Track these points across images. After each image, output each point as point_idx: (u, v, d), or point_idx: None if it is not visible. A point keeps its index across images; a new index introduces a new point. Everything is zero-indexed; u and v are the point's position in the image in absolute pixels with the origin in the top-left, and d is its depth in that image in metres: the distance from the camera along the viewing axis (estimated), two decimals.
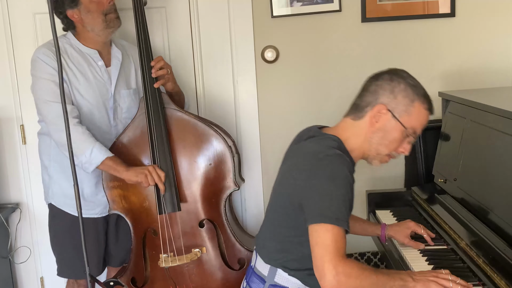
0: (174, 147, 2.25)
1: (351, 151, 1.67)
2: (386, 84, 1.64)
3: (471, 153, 2.09)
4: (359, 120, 1.67)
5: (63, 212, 2.30)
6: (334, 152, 1.57)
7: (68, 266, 2.33)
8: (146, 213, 2.26)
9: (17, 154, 2.69)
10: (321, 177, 1.53)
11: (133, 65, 2.39)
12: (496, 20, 2.71)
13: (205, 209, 2.27)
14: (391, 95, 1.63)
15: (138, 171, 2.16)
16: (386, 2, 2.69)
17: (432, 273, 1.58)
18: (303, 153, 1.65)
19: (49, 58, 2.14)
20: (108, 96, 2.27)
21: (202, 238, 2.26)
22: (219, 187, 2.29)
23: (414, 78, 1.68)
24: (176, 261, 2.21)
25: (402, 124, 1.64)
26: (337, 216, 1.49)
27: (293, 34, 2.73)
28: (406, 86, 1.63)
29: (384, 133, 1.65)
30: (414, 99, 1.63)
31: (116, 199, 2.25)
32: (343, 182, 1.53)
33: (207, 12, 2.70)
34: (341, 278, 1.44)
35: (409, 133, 1.66)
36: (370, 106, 1.65)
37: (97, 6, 2.17)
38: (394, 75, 1.66)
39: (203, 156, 2.26)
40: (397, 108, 1.63)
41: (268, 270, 1.71)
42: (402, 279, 1.53)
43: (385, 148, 1.68)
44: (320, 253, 1.47)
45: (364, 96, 1.67)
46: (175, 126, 2.26)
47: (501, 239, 1.72)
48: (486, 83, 2.71)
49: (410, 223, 1.99)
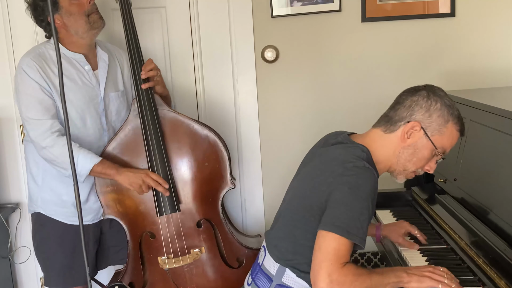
0: (170, 148, 2.24)
1: (378, 162, 1.67)
2: (423, 101, 1.63)
3: (471, 153, 2.09)
4: (391, 133, 1.66)
5: (53, 220, 2.25)
6: (364, 165, 1.57)
7: (57, 275, 2.28)
8: (143, 216, 2.24)
9: (17, 154, 2.69)
10: (344, 186, 1.53)
11: (119, 67, 2.36)
12: (496, 20, 2.71)
13: (202, 209, 2.27)
14: (427, 113, 1.62)
15: (131, 179, 2.13)
16: (386, 2, 2.69)
17: (429, 268, 1.59)
18: (330, 159, 1.64)
19: (32, 70, 2.08)
20: (98, 100, 2.23)
21: (200, 238, 2.25)
22: (216, 186, 2.28)
23: (450, 98, 1.67)
24: (180, 262, 2.20)
25: (433, 143, 1.64)
26: (349, 229, 1.49)
27: (293, 34, 2.73)
28: (442, 106, 1.63)
29: (414, 150, 1.65)
30: (449, 120, 1.63)
31: (110, 204, 2.22)
32: (365, 195, 1.53)
33: (207, 12, 2.70)
34: (334, 286, 1.46)
35: (438, 153, 1.66)
36: (404, 121, 1.64)
37: (78, 8, 2.12)
38: (432, 92, 1.64)
39: (199, 156, 2.26)
40: (430, 127, 1.63)
41: (277, 269, 1.69)
42: (397, 276, 1.55)
43: (412, 165, 1.67)
44: (320, 259, 1.49)
45: (398, 110, 1.66)
46: (169, 127, 2.25)
47: (501, 239, 1.72)
48: (486, 83, 2.71)
49: (404, 223, 1.99)
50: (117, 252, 2.37)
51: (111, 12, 2.60)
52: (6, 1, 2.58)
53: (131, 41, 2.24)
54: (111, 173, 2.13)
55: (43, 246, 2.30)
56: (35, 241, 2.33)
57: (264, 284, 1.72)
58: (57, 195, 2.24)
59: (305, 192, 1.65)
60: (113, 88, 2.30)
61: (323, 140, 1.80)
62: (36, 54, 2.13)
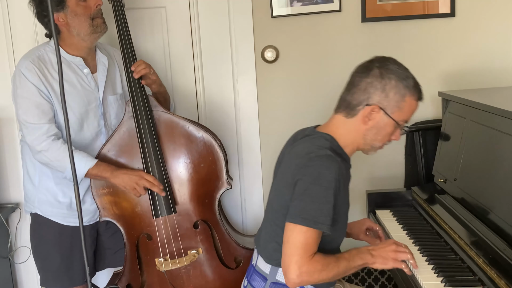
0: (165, 150, 2.24)
1: (345, 146, 1.70)
2: (377, 82, 1.64)
3: (471, 153, 2.09)
4: (352, 118, 1.68)
5: (49, 221, 2.25)
6: (325, 153, 1.60)
7: (53, 276, 2.28)
8: (139, 218, 2.23)
9: (17, 154, 2.69)
10: (307, 177, 1.57)
11: (118, 70, 2.36)
12: (496, 20, 2.71)
13: (199, 210, 2.26)
14: (383, 94, 1.63)
15: (125, 181, 2.12)
16: (386, 2, 2.69)
17: (392, 247, 1.66)
18: (296, 153, 1.67)
19: (31, 74, 2.07)
20: (96, 103, 2.22)
21: (197, 239, 2.25)
22: (212, 187, 2.28)
23: (401, 67, 1.68)
24: (176, 264, 2.20)
25: (394, 120, 1.66)
26: (316, 219, 1.54)
27: (293, 34, 2.73)
28: (396, 82, 1.64)
29: (377, 129, 1.68)
30: (405, 94, 1.65)
31: (106, 206, 2.21)
32: (328, 184, 1.56)
33: (207, 12, 2.70)
34: (304, 277, 1.53)
35: (401, 125, 1.69)
36: (362, 105, 1.65)
37: (84, 10, 2.11)
38: (384, 69, 1.65)
39: (194, 157, 2.25)
40: (389, 106, 1.64)
41: (270, 269, 1.72)
42: (362, 259, 1.63)
43: (379, 142, 1.71)
44: (289, 252, 1.54)
45: (355, 94, 1.67)
46: (164, 128, 2.24)
47: (501, 239, 1.72)
48: (486, 83, 2.70)
49: (366, 220, 1.99)
50: (114, 254, 2.37)
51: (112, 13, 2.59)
52: (6, 1, 2.59)
53: (124, 42, 2.24)
54: (106, 176, 2.12)
55: (40, 246, 2.29)
56: (33, 241, 2.33)
57: (259, 284, 1.74)
58: (53, 196, 2.24)
59: (281, 190, 1.69)
60: (112, 91, 2.30)
61: (292, 137, 1.83)
62: (35, 57, 2.12)
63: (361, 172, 2.82)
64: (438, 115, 2.64)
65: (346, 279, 2.71)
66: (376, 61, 1.68)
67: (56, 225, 2.25)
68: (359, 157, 2.81)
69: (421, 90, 1.69)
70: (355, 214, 2.81)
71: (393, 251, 1.65)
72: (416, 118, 2.74)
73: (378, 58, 1.70)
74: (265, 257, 1.75)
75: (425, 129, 2.65)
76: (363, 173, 2.82)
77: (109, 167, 2.14)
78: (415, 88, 1.67)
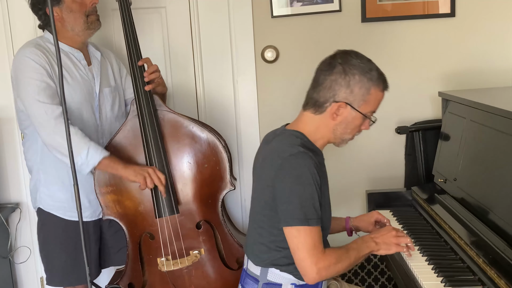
0: (169, 150, 2.24)
1: (316, 141, 1.74)
2: (341, 78, 1.66)
3: (471, 153, 2.09)
4: (320, 114, 1.71)
5: (53, 216, 2.25)
6: (298, 150, 1.64)
7: (59, 274, 2.28)
8: (142, 217, 2.23)
9: (17, 154, 2.69)
10: (287, 179, 1.61)
11: (109, 65, 2.37)
12: (496, 20, 2.71)
13: (202, 211, 2.26)
14: (348, 90, 1.66)
15: (137, 171, 2.13)
16: (386, 2, 2.69)
17: (392, 233, 1.76)
18: (269, 154, 1.71)
19: (38, 57, 2.07)
20: (93, 95, 2.24)
21: (199, 239, 2.24)
22: (216, 188, 2.28)
23: (364, 59, 1.70)
24: (178, 264, 2.19)
25: (362, 113, 1.69)
26: (307, 217, 1.59)
27: (293, 34, 2.73)
28: (360, 76, 1.66)
29: (346, 124, 1.71)
30: (370, 87, 1.67)
31: (109, 205, 2.21)
32: (309, 180, 1.60)
33: (207, 12, 2.70)
34: (322, 273, 1.60)
35: (368, 116, 1.72)
36: (329, 102, 1.69)
37: (79, 7, 2.12)
38: (347, 65, 1.66)
39: (198, 157, 2.25)
40: (355, 100, 1.67)
41: (260, 270, 1.75)
42: (368, 247, 1.72)
43: (349, 134, 1.75)
44: (301, 256, 1.61)
45: (321, 91, 1.69)
46: (168, 128, 2.24)
47: (501, 239, 1.72)
48: (486, 83, 2.70)
49: (374, 213, 2.01)
50: (116, 253, 2.37)
51: (111, 12, 2.60)
52: (6, 1, 2.59)
53: (131, 41, 2.24)
54: (118, 168, 2.12)
55: (45, 244, 2.30)
56: (39, 239, 2.33)
57: (252, 287, 1.77)
58: (52, 191, 2.24)
59: (260, 193, 1.73)
60: (106, 83, 2.31)
61: (264, 139, 1.86)
62: (36, 44, 2.14)
63: (361, 172, 2.83)
64: (438, 115, 2.64)
65: (346, 279, 2.71)
66: (338, 57, 1.70)
67: (60, 221, 2.25)
68: (359, 157, 2.82)
69: (386, 79, 1.72)
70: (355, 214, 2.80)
71: (394, 237, 1.75)
72: (416, 118, 2.75)
73: (340, 53, 1.72)
74: (253, 260, 1.78)
75: (425, 129, 2.66)
76: (363, 173, 2.82)
77: (121, 161, 2.14)
78: (379, 80, 1.69)
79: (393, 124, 2.76)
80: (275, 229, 1.69)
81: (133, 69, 2.23)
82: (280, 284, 1.72)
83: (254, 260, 1.77)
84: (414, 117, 2.75)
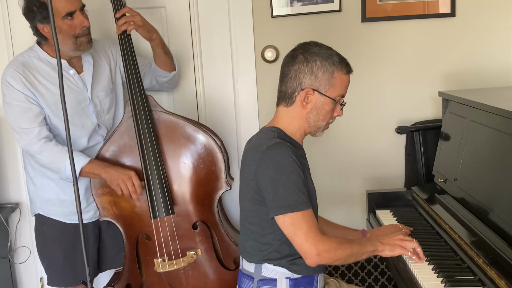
0: (164, 150, 2.24)
1: (293, 134, 1.79)
2: (304, 66, 1.73)
3: (471, 153, 2.08)
4: (291, 105, 1.78)
5: (52, 220, 2.27)
6: (275, 142, 1.69)
7: (58, 275, 2.29)
8: (138, 218, 2.23)
9: (17, 154, 2.68)
10: (268, 169, 1.66)
11: (106, 63, 2.35)
12: (496, 20, 2.71)
13: (198, 211, 2.26)
14: (312, 76, 1.73)
15: (112, 176, 2.12)
16: (386, 2, 2.69)
17: (399, 236, 1.81)
18: (249, 151, 1.77)
19: (16, 82, 2.10)
20: (86, 102, 2.23)
21: (196, 240, 2.24)
22: (211, 188, 2.28)
23: (323, 47, 1.77)
24: (173, 265, 2.19)
25: (330, 97, 1.75)
26: (295, 203, 1.64)
27: (293, 34, 2.73)
28: (321, 61, 1.73)
29: (317, 110, 1.76)
30: (333, 70, 1.73)
31: (106, 206, 2.22)
32: (290, 167, 1.65)
33: (207, 12, 2.70)
34: (323, 254, 1.64)
35: (338, 100, 1.78)
36: (297, 91, 1.75)
37: (69, 29, 2.11)
38: (308, 53, 1.74)
39: (194, 157, 2.25)
40: (321, 85, 1.74)
41: (254, 267, 1.78)
42: (373, 245, 1.75)
43: (322, 121, 1.80)
44: (299, 242, 1.64)
45: (288, 83, 1.76)
46: (163, 128, 2.24)
47: (501, 239, 1.72)
48: (486, 83, 2.70)
49: (391, 227, 2.03)
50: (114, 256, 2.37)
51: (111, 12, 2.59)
52: (6, 1, 2.58)
53: (125, 43, 2.24)
54: (98, 172, 2.13)
55: (44, 246, 2.31)
56: (38, 242, 2.34)
57: (248, 285, 1.80)
58: (55, 195, 2.25)
59: (245, 189, 1.78)
60: (101, 87, 2.30)
61: (247, 142, 1.90)
62: (19, 64, 2.14)
63: (361, 172, 2.82)
64: (438, 115, 2.64)
65: (346, 280, 2.71)
66: (299, 48, 1.78)
67: (58, 223, 2.26)
68: (359, 157, 2.82)
69: (348, 63, 1.78)
70: (355, 214, 2.82)
71: (400, 240, 1.79)
72: (416, 118, 2.75)
73: (300, 44, 1.80)
74: (246, 258, 1.81)
75: (425, 129, 2.66)
76: (363, 173, 2.82)
77: (102, 164, 2.15)
78: (341, 63, 1.75)
79: (393, 124, 2.76)
80: (264, 222, 1.72)
81: (127, 71, 2.23)
82: (275, 279, 1.74)
83: (247, 257, 1.80)
84: (414, 117, 2.75)
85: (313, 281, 1.78)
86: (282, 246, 1.72)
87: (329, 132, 2.80)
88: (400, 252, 1.77)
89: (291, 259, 1.73)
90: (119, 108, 2.39)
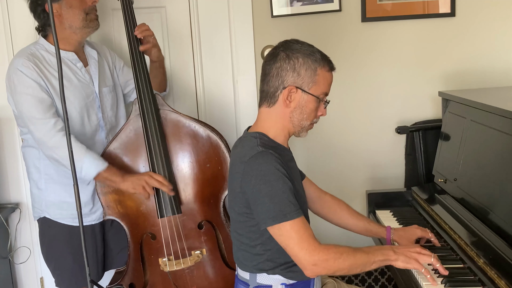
0: (171, 149, 2.23)
1: (276, 137, 1.73)
2: (286, 64, 1.68)
3: (471, 153, 2.08)
4: (274, 105, 1.72)
5: (59, 224, 2.24)
6: (257, 151, 1.63)
7: (69, 276, 2.27)
8: (144, 217, 2.23)
9: (17, 154, 2.69)
10: (253, 181, 1.60)
11: (107, 64, 2.36)
12: (496, 20, 2.71)
13: (204, 211, 2.26)
14: (295, 73, 1.68)
15: (135, 183, 2.12)
16: (386, 2, 2.69)
17: (416, 249, 1.65)
18: (234, 162, 1.72)
19: (29, 70, 2.05)
20: (93, 96, 2.23)
21: (201, 239, 2.24)
22: (218, 188, 2.28)
23: (305, 44, 1.73)
24: (180, 265, 2.19)
25: (314, 95, 1.70)
26: (283, 212, 1.57)
27: (293, 34, 2.70)
28: (304, 59, 1.68)
29: (301, 109, 1.71)
30: (316, 68, 1.69)
31: (111, 205, 2.21)
32: (275, 176, 1.59)
33: (207, 12, 2.70)
34: (321, 264, 1.56)
35: (322, 98, 1.73)
36: (279, 90, 1.69)
37: (79, 3, 2.11)
38: (289, 51, 1.69)
39: (200, 157, 2.25)
40: (304, 83, 1.68)
41: (249, 275, 1.76)
42: (384, 254, 1.62)
43: (306, 120, 1.73)
44: (293, 252, 1.58)
45: (270, 82, 1.71)
46: (170, 128, 2.24)
47: (501, 239, 1.72)
48: (486, 83, 2.71)
49: (417, 230, 1.96)
50: (117, 255, 2.37)
51: (111, 12, 2.60)
52: (6, 1, 2.58)
53: (133, 41, 2.23)
54: (116, 180, 2.12)
55: (52, 248, 2.28)
56: (43, 245, 2.31)
57: None
58: (61, 198, 2.23)
59: (233, 200, 1.73)
60: (105, 83, 2.30)
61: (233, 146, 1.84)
62: (28, 54, 2.11)
63: (361, 172, 2.82)
64: (438, 115, 2.64)
65: (346, 280, 2.71)
66: (280, 46, 1.73)
67: (65, 226, 2.24)
68: (359, 157, 2.82)
69: (330, 60, 1.74)
70: None
71: (417, 253, 1.64)
72: (416, 118, 2.75)
73: (281, 43, 1.76)
74: (240, 266, 1.79)
75: (425, 129, 2.66)
76: (363, 173, 2.82)
77: (119, 172, 2.14)
78: (323, 60, 1.71)
79: (393, 124, 2.76)
80: (251, 233, 1.69)
81: (135, 69, 2.22)
82: (270, 286, 1.72)
83: (241, 266, 1.78)
84: (414, 117, 2.75)
85: (309, 285, 1.75)
86: (274, 255, 1.68)
87: (329, 132, 2.81)
88: (414, 267, 1.62)
89: (286, 267, 1.69)
90: (120, 108, 2.39)
